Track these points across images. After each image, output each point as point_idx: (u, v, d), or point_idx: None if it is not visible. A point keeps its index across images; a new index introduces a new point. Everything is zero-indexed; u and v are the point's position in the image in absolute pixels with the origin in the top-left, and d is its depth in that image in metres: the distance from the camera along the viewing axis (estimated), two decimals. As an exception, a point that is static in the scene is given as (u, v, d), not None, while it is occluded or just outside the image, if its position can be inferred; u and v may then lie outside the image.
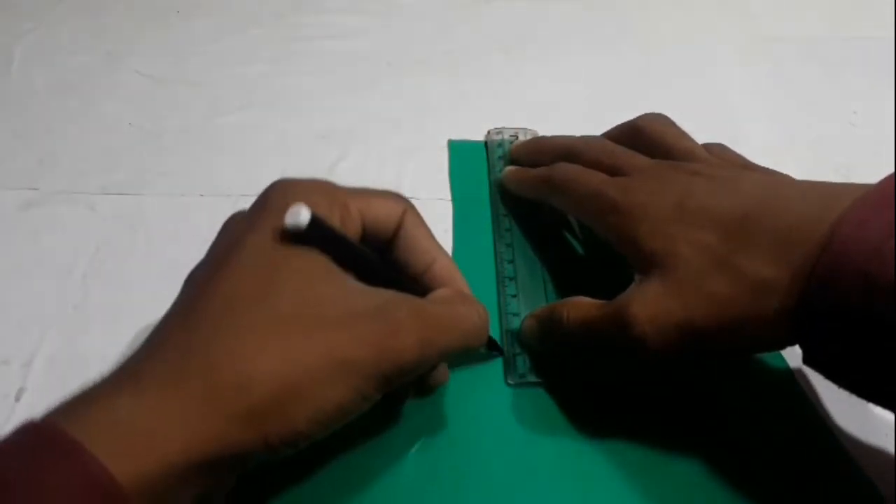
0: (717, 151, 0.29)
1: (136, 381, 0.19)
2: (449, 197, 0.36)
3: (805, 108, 0.43)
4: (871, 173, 0.22)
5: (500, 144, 0.38)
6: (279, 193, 0.22)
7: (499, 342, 0.30)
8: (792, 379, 0.29)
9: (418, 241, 0.25)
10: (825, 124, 0.42)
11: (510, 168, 0.35)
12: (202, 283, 0.21)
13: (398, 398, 0.26)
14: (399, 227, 0.25)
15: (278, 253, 0.21)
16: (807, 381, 0.29)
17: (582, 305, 0.27)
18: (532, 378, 0.28)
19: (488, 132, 0.39)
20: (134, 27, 0.47)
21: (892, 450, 0.27)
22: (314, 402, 0.19)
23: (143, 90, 0.43)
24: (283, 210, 0.21)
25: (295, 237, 0.21)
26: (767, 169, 0.28)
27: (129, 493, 0.16)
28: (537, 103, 0.42)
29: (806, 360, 0.23)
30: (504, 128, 0.39)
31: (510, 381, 0.28)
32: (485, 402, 0.28)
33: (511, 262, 0.32)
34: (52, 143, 0.39)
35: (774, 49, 0.48)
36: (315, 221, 0.20)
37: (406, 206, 0.25)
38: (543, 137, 0.36)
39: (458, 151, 0.38)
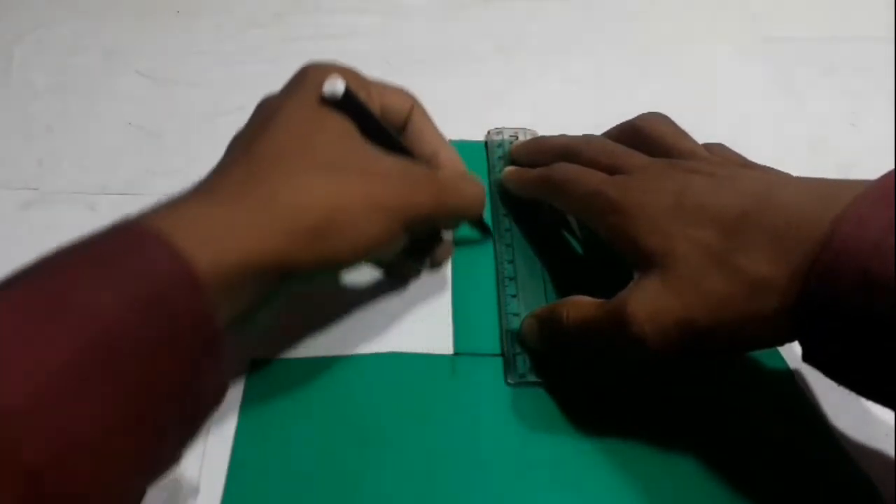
0: (717, 151, 0.29)
1: (209, 194, 0.22)
2: (449, 197, 0.36)
3: (805, 108, 0.43)
4: (871, 174, 0.22)
5: (500, 144, 0.38)
6: (314, 72, 0.26)
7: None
8: (792, 379, 0.29)
9: (425, 131, 0.29)
10: (825, 124, 0.42)
11: (510, 168, 0.35)
12: (251, 137, 0.24)
13: (417, 255, 0.31)
14: (408, 118, 0.29)
15: (317, 113, 0.25)
16: (806, 382, 0.29)
17: (581, 305, 0.27)
18: (532, 378, 0.28)
19: (488, 132, 0.39)
20: (134, 27, 0.47)
21: (892, 450, 0.27)
22: (354, 231, 0.23)
23: (143, 90, 0.43)
24: (318, 84, 0.25)
25: (330, 104, 0.25)
26: (767, 167, 0.28)
27: (202, 281, 0.19)
28: (537, 103, 0.42)
29: (805, 358, 0.23)
30: (504, 128, 0.39)
31: (510, 381, 0.28)
32: (485, 401, 0.28)
33: (511, 262, 0.32)
34: (52, 143, 0.39)
35: (774, 49, 0.48)
36: (349, 92, 0.25)
37: (414, 100, 0.29)
38: (543, 137, 0.36)
39: (458, 151, 0.38)
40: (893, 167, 0.22)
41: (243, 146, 0.24)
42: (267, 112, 0.25)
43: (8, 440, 0.15)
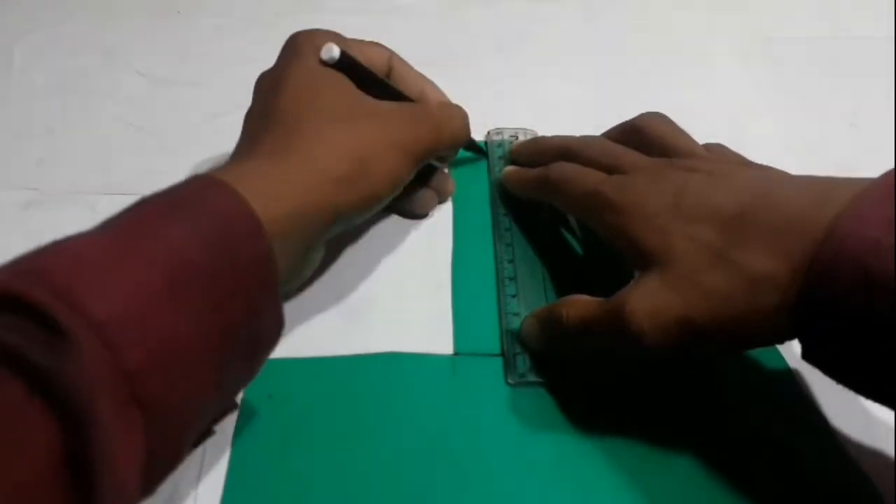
0: (717, 150, 0.29)
1: (254, 158, 0.25)
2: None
3: (805, 108, 0.43)
4: (871, 174, 0.22)
5: (500, 144, 0.38)
6: (303, 38, 0.29)
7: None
8: (792, 379, 0.29)
9: (407, 74, 0.33)
10: (825, 124, 0.42)
11: (510, 168, 0.35)
12: (267, 107, 0.27)
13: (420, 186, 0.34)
14: (390, 66, 0.32)
15: (318, 74, 0.28)
16: (806, 382, 0.29)
17: (581, 303, 0.27)
18: (532, 377, 0.28)
19: (488, 132, 0.39)
20: (134, 27, 0.47)
21: (892, 450, 0.27)
22: (381, 170, 0.27)
23: (143, 90, 0.43)
24: (312, 49, 0.28)
25: (327, 65, 0.28)
26: (765, 166, 0.28)
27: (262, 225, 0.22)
28: (537, 103, 0.42)
29: (805, 356, 0.23)
30: (504, 128, 0.39)
31: (510, 381, 0.28)
32: (485, 401, 0.28)
33: (511, 262, 0.32)
34: (52, 143, 0.39)
35: (774, 49, 0.48)
36: (344, 54, 0.28)
37: (390, 50, 0.33)
38: (543, 137, 0.36)
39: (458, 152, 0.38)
40: (893, 167, 0.22)
41: (262, 116, 0.27)
42: (272, 83, 0.28)
43: (112, 344, 0.18)
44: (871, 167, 0.23)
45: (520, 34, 0.48)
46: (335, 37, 0.30)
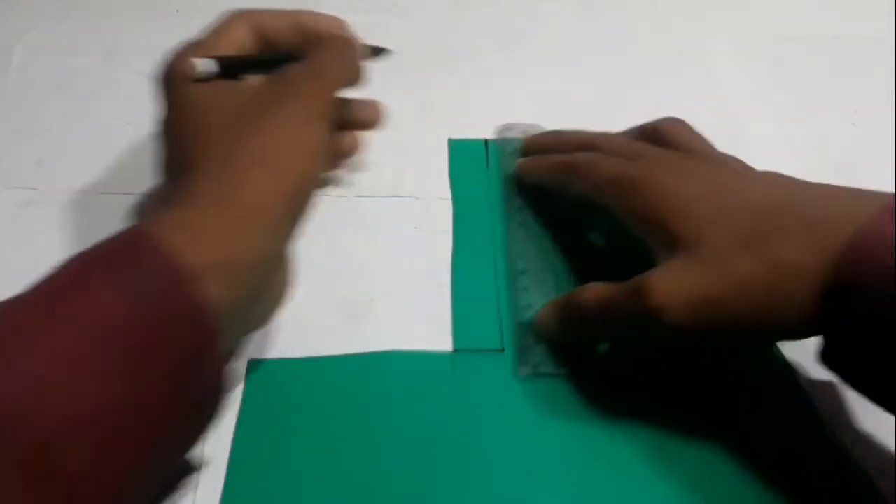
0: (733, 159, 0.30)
1: (179, 205, 0.23)
2: (449, 196, 0.36)
3: (805, 108, 0.43)
4: (872, 173, 0.22)
5: (510, 140, 0.38)
6: (168, 73, 0.29)
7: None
8: (793, 379, 0.29)
9: (294, 22, 0.31)
10: (825, 124, 0.42)
11: (526, 158, 0.35)
12: (179, 155, 0.27)
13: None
14: (271, 28, 0.30)
15: (198, 98, 0.27)
16: (807, 381, 0.29)
17: (599, 288, 0.27)
18: (544, 369, 0.28)
19: (500, 127, 0.39)
20: (133, 26, 0.47)
21: (892, 450, 0.27)
22: (297, 149, 0.25)
23: (142, 90, 0.42)
24: (180, 77, 0.28)
25: (202, 81, 0.28)
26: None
27: (196, 276, 0.21)
28: (538, 102, 0.42)
29: (823, 358, 0.23)
30: (514, 124, 0.39)
31: (523, 372, 0.28)
32: (485, 397, 0.28)
33: (523, 255, 0.32)
34: (51, 142, 0.39)
35: (775, 49, 0.48)
36: (217, 63, 0.28)
37: (254, 16, 0.31)
38: (560, 130, 0.36)
39: (458, 150, 0.38)
40: (893, 168, 0.22)
41: (170, 167, 0.27)
42: (166, 130, 0.28)
43: (17, 418, 0.17)
44: (872, 167, 0.23)
45: (520, 33, 0.48)
46: (193, 49, 0.29)
